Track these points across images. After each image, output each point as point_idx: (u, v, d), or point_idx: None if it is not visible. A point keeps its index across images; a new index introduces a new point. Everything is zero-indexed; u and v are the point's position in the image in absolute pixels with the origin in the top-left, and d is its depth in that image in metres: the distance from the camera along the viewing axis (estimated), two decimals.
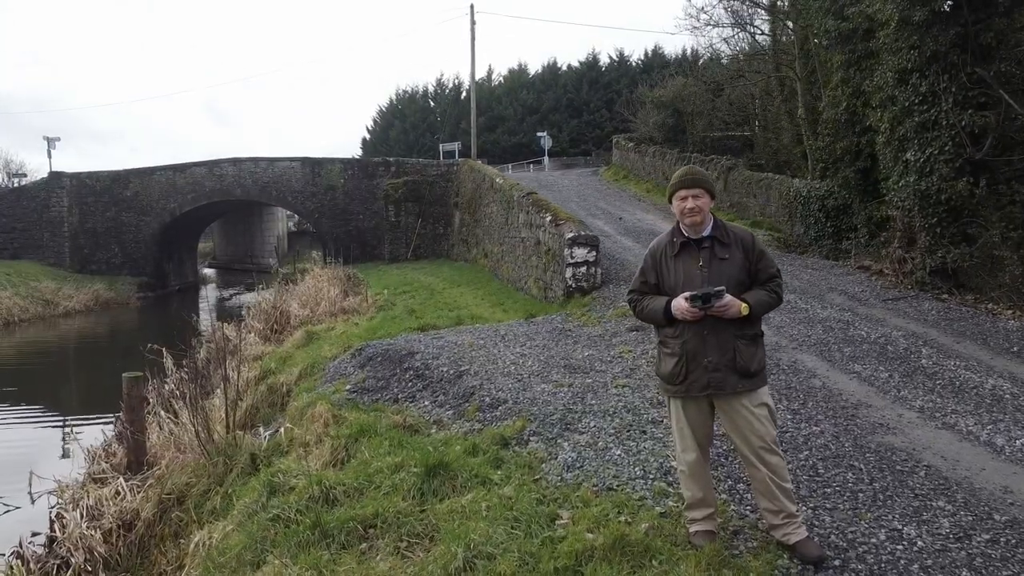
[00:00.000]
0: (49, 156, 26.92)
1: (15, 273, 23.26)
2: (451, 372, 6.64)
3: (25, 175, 31.28)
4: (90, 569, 5.35)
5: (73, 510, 5.92)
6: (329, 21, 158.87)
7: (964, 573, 2.98)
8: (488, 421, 5.34)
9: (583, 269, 10.64)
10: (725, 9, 17.58)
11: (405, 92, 51.92)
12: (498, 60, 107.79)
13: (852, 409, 5.21)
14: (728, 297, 3.07)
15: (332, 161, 28.79)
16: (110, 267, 27.13)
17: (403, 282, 17.95)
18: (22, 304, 20.97)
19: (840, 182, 13.07)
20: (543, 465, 4.36)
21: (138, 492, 6.35)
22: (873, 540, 3.26)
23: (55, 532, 5.82)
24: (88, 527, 5.71)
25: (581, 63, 50.62)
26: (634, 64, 50.28)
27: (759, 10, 17.28)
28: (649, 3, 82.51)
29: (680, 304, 3.12)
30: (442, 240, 26.54)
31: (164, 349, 9.72)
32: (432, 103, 51.51)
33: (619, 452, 4.46)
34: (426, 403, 6.17)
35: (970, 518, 3.45)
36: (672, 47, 59.16)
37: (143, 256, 27.65)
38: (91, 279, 25.10)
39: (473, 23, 27.53)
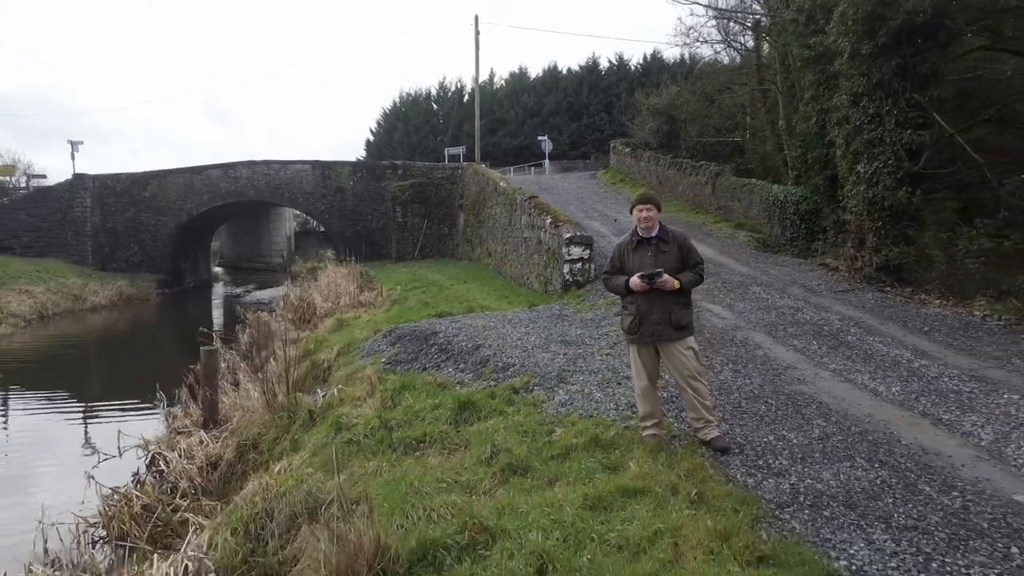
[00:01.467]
0: (72, 159, 28.70)
1: (44, 270, 24.93)
2: (469, 346, 8.32)
3: (45, 176, 32.87)
4: (193, 493, 7.02)
5: (171, 452, 7.60)
6: (330, 22, 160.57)
7: (817, 455, 4.66)
8: (501, 379, 7.03)
9: (579, 265, 12.32)
10: (715, 27, 19.27)
11: (408, 95, 53.65)
12: (500, 63, 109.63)
13: (781, 370, 6.89)
14: (666, 276, 4.74)
15: (342, 164, 30.44)
16: (129, 265, 28.77)
17: (412, 279, 19.56)
18: (54, 299, 22.64)
19: (811, 188, 14.78)
20: (544, 403, 6.04)
21: (217, 441, 8.03)
22: (763, 440, 4.94)
23: (160, 467, 7.48)
24: (186, 464, 7.39)
25: (581, 67, 52.24)
26: (633, 68, 51.85)
27: (746, 29, 18.96)
28: (648, 12, 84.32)
29: (635, 281, 4.79)
30: (447, 240, 28.16)
31: (214, 333, 11.38)
32: (435, 105, 53.20)
33: (600, 395, 6.14)
34: (450, 370, 7.85)
35: (834, 429, 5.14)
36: (671, 52, 60.74)
37: (160, 255, 29.31)
38: (113, 276, 26.77)
39: (477, 33, 29.25)
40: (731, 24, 19.02)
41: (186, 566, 4.12)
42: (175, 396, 11.04)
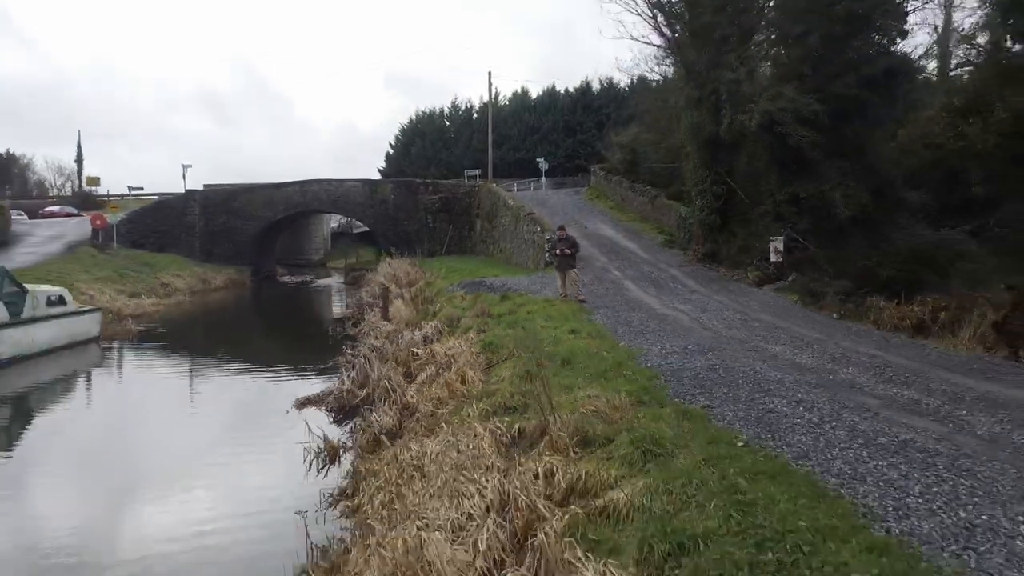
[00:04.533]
0: (184, 178, 41.25)
1: (173, 262, 37.53)
2: (499, 285, 20.90)
3: (142, 188, 45.46)
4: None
5: (378, 324, 20.16)
6: (340, 30, 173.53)
7: (612, 304, 17.18)
8: (514, 292, 19.58)
9: (553, 253, 24.78)
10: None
11: (424, 112, 66.33)
12: (504, 80, 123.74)
13: (624, 291, 19.41)
14: (566, 250, 17.33)
15: (385, 182, 43.12)
16: (224, 259, 41.27)
17: (447, 267, 32.04)
18: (192, 282, 35.23)
19: (694, 210, 27.35)
20: (531, 295, 18.60)
21: (390, 324, 20.57)
22: (600, 303, 17.48)
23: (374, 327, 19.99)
24: (384, 327, 19.92)
25: (575, 89, 64.80)
26: (622, 89, 64.27)
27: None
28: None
29: (555, 251, 17.40)
30: (466, 241, 40.68)
31: (366, 287, 23.93)
32: (447, 123, 65.82)
33: (549, 293, 18.70)
34: (492, 293, 20.40)
35: (623, 301, 17.68)
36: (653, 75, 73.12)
37: (247, 251, 41.85)
38: (219, 267, 39.36)
39: (490, 84, 42.00)
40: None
41: (434, 325, 16.55)
42: (339, 326, 23.65)
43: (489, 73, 41.27)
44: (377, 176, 66.41)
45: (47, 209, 48.15)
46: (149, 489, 9.92)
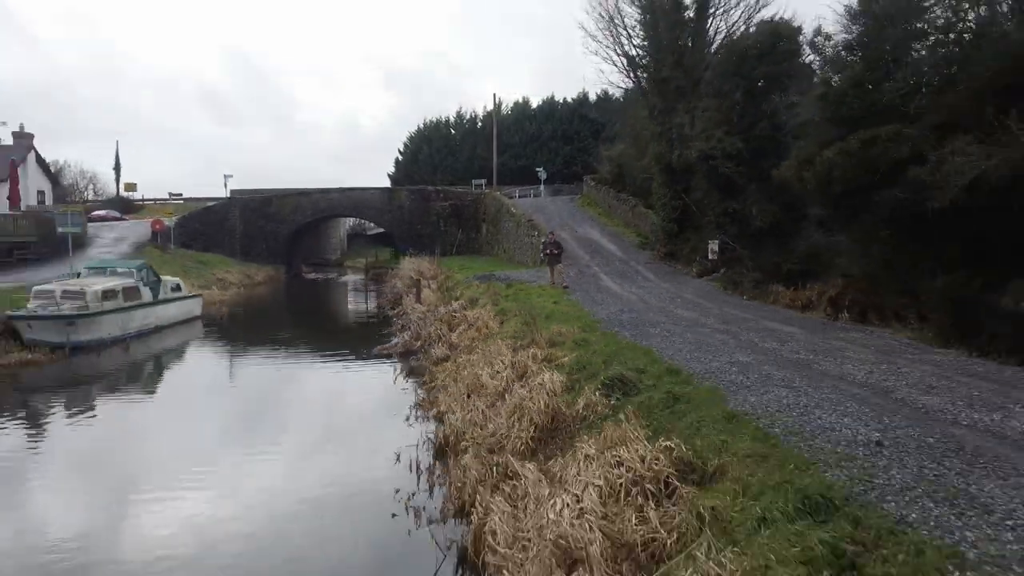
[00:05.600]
0: (225, 186, 49.03)
1: (220, 260, 45.32)
2: (505, 277, 28.69)
3: (181, 193, 53.18)
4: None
5: (413, 305, 27.94)
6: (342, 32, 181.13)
7: (587, 290, 24.94)
8: (515, 282, 27.36)
9: (546, 252, 32.53)
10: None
11: (431, 121, 74.11)
12: (505, 81, 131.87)
13: (597, 280, 27.22)
14: (555, 250, 25.12)
15: (400, 189, 50.83)
16: (259, 258, 49.05)
17: (459, 265, 39.84)
18: (240, 277, 43.02)
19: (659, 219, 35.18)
20: (530, 284, 26.39)
21: (422, 305, 28.34)
22: (580, 287, 25.25)
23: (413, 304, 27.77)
24: (418, 307, 27.70)
25: (573, 99, 72.72)
26: (615, 98, 72.00)
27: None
28: None
29: (546, 251, 25.20)
30: (474, 242, 48.46)
31: (395, 280, 31.73)
32: (453, 131, 73.61)
33: (543, 282, 26.48)
34: (501, 284, 28.17)
35: (595, 287, 25.47)
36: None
37: (279, 251, 49.64)
38: (259, 266, 47.14)
39: (495, 102, 49.53)
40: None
41: (460, 303, 24.20)
42: (380, 308, 31.53)
43: (495, 95, 49.21)
44: (385, 179, 74.33)
45: (96, 213, 55.71)
46: (302, 392, 17.71)
